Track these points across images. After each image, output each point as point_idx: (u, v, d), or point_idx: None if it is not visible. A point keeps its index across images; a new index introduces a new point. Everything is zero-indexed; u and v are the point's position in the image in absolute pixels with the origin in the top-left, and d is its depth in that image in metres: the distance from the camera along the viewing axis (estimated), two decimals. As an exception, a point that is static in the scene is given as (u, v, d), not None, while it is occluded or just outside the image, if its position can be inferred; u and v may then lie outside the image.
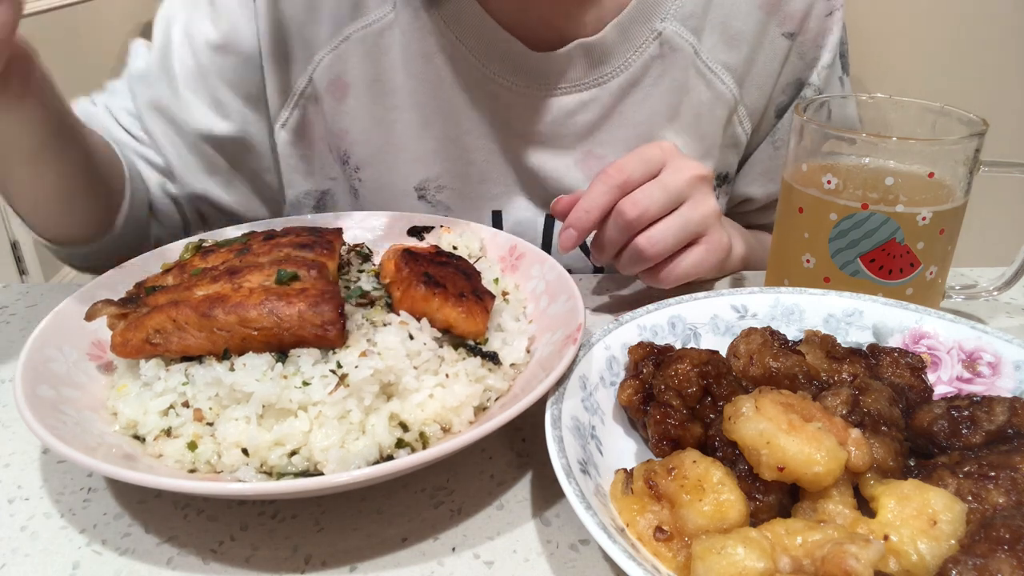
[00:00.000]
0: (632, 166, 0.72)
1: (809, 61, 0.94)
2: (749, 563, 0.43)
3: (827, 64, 0.94)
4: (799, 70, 0.94)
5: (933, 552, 0.44)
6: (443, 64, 0.89)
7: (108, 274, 0.73)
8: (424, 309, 0.63)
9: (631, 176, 0.72)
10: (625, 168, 0.72)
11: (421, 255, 0.68)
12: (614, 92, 0.90)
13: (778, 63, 0.92)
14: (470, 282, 0.66)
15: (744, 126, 0.95)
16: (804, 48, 0.93)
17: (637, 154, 0.74)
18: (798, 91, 0.96)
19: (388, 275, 0.68)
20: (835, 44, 0.94)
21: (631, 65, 0.89)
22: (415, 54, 0.89)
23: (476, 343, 0.64)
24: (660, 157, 0.74)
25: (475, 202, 0.95)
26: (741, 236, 0.91)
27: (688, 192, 0.74)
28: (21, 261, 3.06)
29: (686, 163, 0.74)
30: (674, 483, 0.49)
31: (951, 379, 0.64)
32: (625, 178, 0.72)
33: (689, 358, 0.57)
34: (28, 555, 0.53)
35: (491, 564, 0.52)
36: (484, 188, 0.95)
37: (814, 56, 0.93)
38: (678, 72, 0.90)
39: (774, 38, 0.91)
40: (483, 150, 0.93)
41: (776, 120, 0.97)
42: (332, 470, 0.53)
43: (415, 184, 0.95)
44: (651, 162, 0.73)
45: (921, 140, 0.70)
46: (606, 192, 0.72)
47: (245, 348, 0.59)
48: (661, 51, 0.89)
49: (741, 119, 0.95)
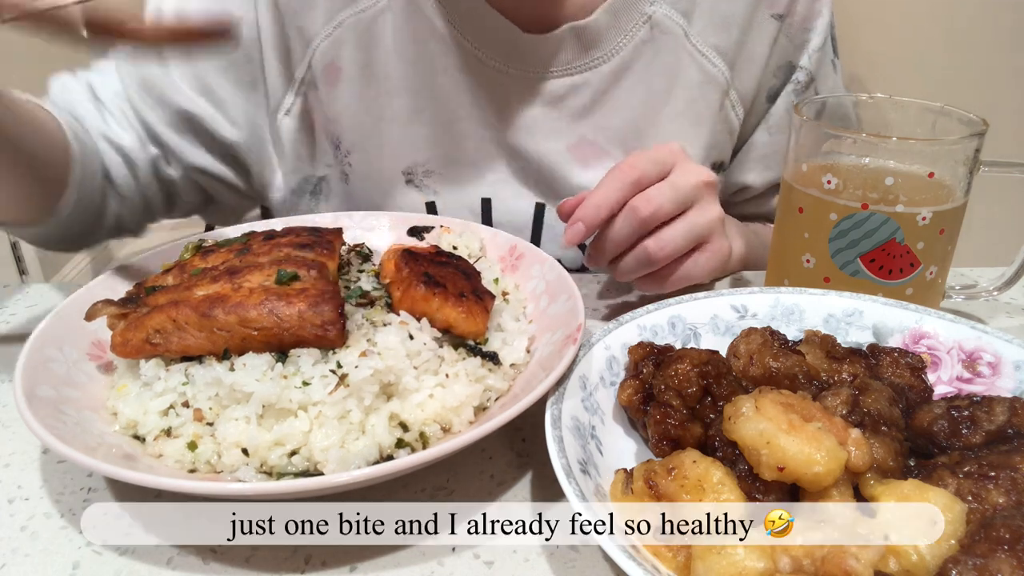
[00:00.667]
0: (644, 164, 0.72)
1: (799, 44, 0.94)
2: (749, 563, 0.43)
3: (817, 47, 0.94)
4: (789, 53, 0.95)
5: (933, 552, 0.44)
6: (436, 48, 0.90)
7: (108, 274, 0.73)
8: (424, 309, 0.63)
9: (644, 174, 0.72)
10: (637, 165, 0.72)
11: (421, 255, 0.68)
12: (606, 76, 0.91)
13: (767, 45, 0.93)
14: (470, 282, 0.66)
15: (736, 111, 0.96)
16: (793, 31, 0.93)
17: (647, 154, 0.74)
18: (789, 75, 0.96)
19: (388, 275, 0.68)
20: (825, 27, 0.94)
21: (622, 49, 0.90)
22: (408, 39, 0.90)
23: (476, 343, 0.64)
24: (670, 159, 0.74)
25: (464, 187, 0.95)
26: (741, 234, 0.91)
27: (696, 196, 0.74)
28: (21, 261, 3.06)
29: (694, 167, 0.75)
30: (674, 483, 0.49)
31: (951, 379, 0.64)
32: (638, 175, 0.71)
33: (689, 358, 0.57)
34: (28, 555, 0.53)
35: (491, 564, 0.52)
36: (474, 174, 0.95)
37: (803, 39, 0.94)
38: (669, 55, 0.91)
39: (763, 20, 0.92)
40: (474, 136, 0.93)
41: (768, 105, 0.98)
42: (332, 470, 0.53)
43: (403, 168, 0.94)
44: (662, 163, 0.73)
45: (921, 140, 0.70)
46: (619, 188, 0.71)
47: (245, 348, 0.59)
48: (652, 35, 0.90)
49: (733, 104, 0.95)
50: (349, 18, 0.90)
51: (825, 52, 0.96)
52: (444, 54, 0.90)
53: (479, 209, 0.96)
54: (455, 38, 0.89)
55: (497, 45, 0.89)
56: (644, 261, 0.73)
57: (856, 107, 0.81)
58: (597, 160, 0.93)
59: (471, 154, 0.94)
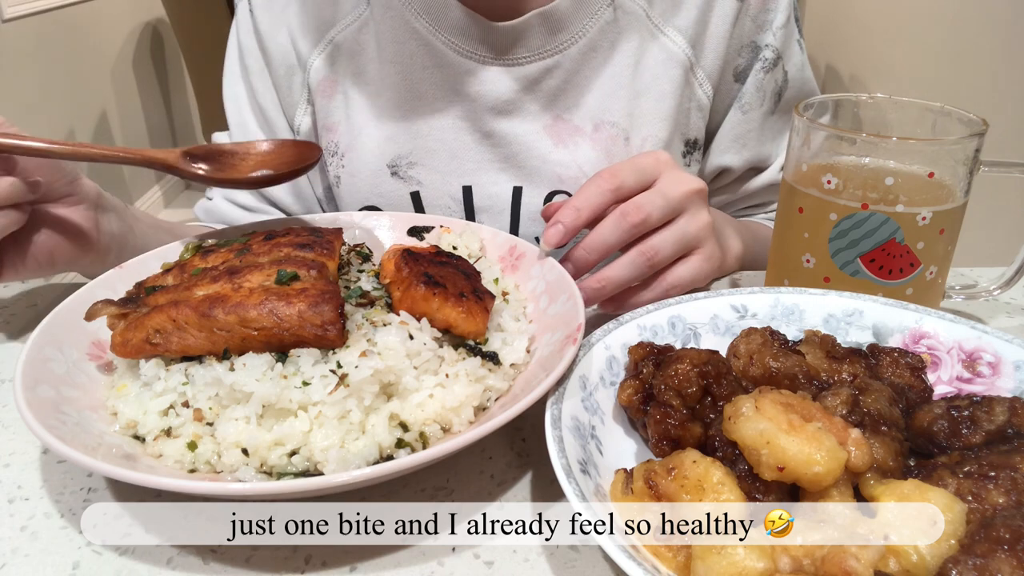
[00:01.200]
0: (625, 173, 0.74)
1: (760, 23, 0.97)
2: (749, 563, 0.43)
3: (781, 24, 0.97)
4: (752, 32, 0.97)
5: (933, 552, 0.44)
6: (414, 47, 0.95)
7: (108, 274, 0.73)
8: (424, 309, 0.63)
9: (624, 182, 0.73)
10: (618, 174, 0.74)
11: (421, 255, 0.68)
12: (575, 58, 0.95)
13: (728, 24, 0.96)
14: (470, 282, 0.66)
15: (705, 88, 0.99)
16: (754, 11, 0.96)
17: (632, 162, 0.75)
18: (756, 54, 0.99)
19: (388, 275, 0.68)
20: (787, 5, 0.97)
21: (588, 31, 0.94)
22: (388, 41, 0.95)
23: (476, 343, 0.64)
24: (654, 168, 0.75)
25: (446, 177, 0.99)
26: (738, 233, 0.92)
27: (686, 204, 0.75)
28: (21, 261, 3.05)
29: (683, 176, 0.76)
30: (674, 483, 0.49)
31: (951, 379, 0.64)
32: (619, 183, 0.73)
33: (689, 358, 0.57)
34: (28, 555, 0.53)
35: (491, 564, 0.52)
36: (455, 163, 0.98)
37: (765, 19, 0.97)
38: (632, 35, 0.95)
39: (723, 0, 0.95)
40: (452, 126, 0.97)
41: (738, 85, 1.00)
42: (332, 470, 0.53)
43: (387, 162, 0.99)
44: (645, 172, 0.75)
45: (921, 140, 0.70)
46: (599, 194, 0.73)
47: (245, 348, 0.59)
48: (615, 16, 0.94)
49: (701, 81, 0.98)
50: (338, 35, 0.98)
51: (790, 30, 0.99)
52: (421, 51, 0.95)
53: (460, 197, 0.99)
54: (430, 34, 0.94)
55: (468, 36, 0.94)
56: (635, 265, 0.73)
57: (856, 107, 0.81)
58: (570, 137, 0.97)
59: (450, 144, 0.98)
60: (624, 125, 0.96)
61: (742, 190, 1.07)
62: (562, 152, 0.96)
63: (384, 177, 0.99)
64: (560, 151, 0.96)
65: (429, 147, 0.98)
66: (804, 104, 0.75)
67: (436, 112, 0.97)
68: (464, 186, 0.99)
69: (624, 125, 0.96)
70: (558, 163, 0.96)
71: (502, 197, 0.99)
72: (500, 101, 0.96)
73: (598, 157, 0.96)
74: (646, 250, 0.73)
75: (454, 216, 0.99)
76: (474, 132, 0.97)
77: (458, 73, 0.95)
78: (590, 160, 0.96)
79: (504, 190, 0.99)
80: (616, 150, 0.96)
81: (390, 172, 0.99)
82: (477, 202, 0.99)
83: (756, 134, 1.01)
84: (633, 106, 0.96)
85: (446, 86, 0.96)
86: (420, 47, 0.95)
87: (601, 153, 0.96)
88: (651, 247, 0.73)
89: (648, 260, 0.73)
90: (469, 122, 0.97)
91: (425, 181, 0.99)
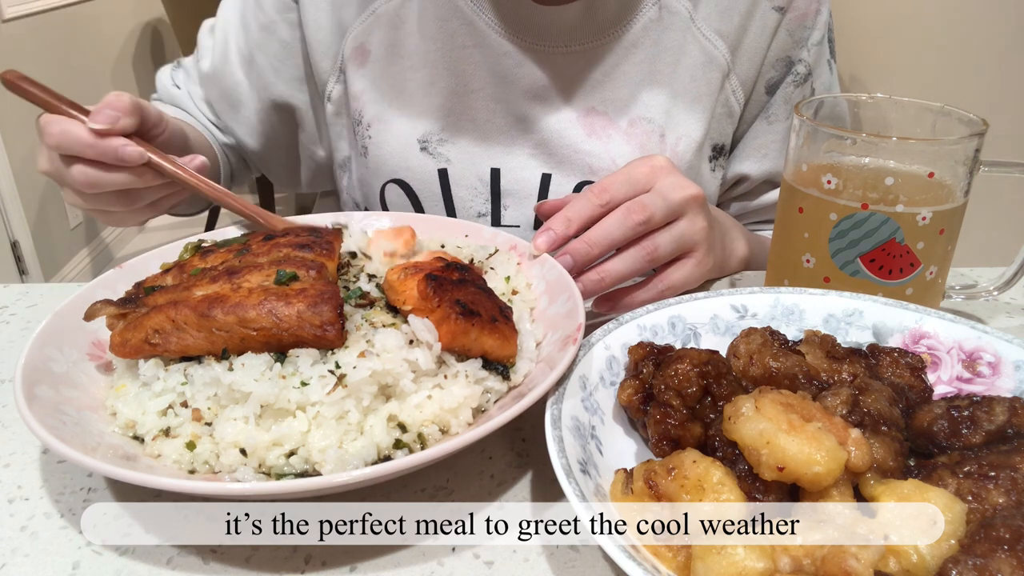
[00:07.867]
0: (616, 187, 0.75)
1: (798, 39, 0.98)
2: (749, 563, 0.43)
3: (816, 41, 0.98)
4: (788, 47, 0.98)
5: (933, 552, 0.44)
6: (456, 26, 0.96)
7: (108, 274, 0.73)
8: (463, 342, 0.60)
9: (614, 196, 0.75)
10: (609, 188, 0.75)
11: (443, 279, 0.63)
12: (615, 51, 0.95)
13: (768, 36, 0.97)
14: (491, 300, 0.64)
15: (737, 96, 1.00)
16: (793, 25, 0.97)
17: (625, 173, 0.77)
18: (788, 68, 0.99)
19: (410, 301, 0.62)
20: (824, 23, 0.98)
21: (632, 26, 0.95)
22: (431, 18, 0.96)
23: (505, 366, 0.62)
24: (647, 178, 0.76)
25: (474, 157, 0.99)
26: (744, 236, 0.92)
27: (685, 208, 0.76)
28: (21, 261, 3.06)
29: (682, 181, 0.77)
30: (674, 483, 0.49)
31: (951, 379, 0.64)
32: (609, 198, 0.75)
33: (689, 358, 0.57)
34: (28, 555, 0.53)
35: (491, 564, 0.52)
36: (485, 144, 0.99)
37: (802, 35, 0.98)
38: (675, 35, 0.96)
39: (765, 11, 0.96)
40: (486, 108, 0.98)
41: (767, 97, 1.01)
42: (330, 470, 0.53)
43: (418, 136, 0.99)
44: (637, 183, 0.76)
45: (921, 140, 0.70)
46: (589, 207, 0.74)
47: (244, 348, 0.59)
48: (660, 15, 0.95)
49: (734, 88, 0.99)
50: (381, 6, 0.98)
51: (823, 48, 1.00)
52: (463, 30, 0.96)
53: (488, 178, 1.00)
54: (473, 13, 0.95)
55: (511, 18, 0.95)
56: (636, 260, 0.74)
57: (856, 107, 0.81)
58: (603, 130, 0.97)
59: (482, 125, 0.99)
60: (660, 122, 0.96)
61: (755, 203, 1.07)
62: (594, 143, 0.97)
63: (414, 151, 0.99)
64: (592, 142, 0.97)
65: (461, 126, 0.98)
66: (804, 104, 0.75)
67: (471, 92, 0.97)
68: (493, 168, 0.99)
69: (660, 122, 0.96)
70: (590, 154, 0.97)
71: (530, 182, 0.99)
72: (536, 86, 0.96)
73: (632, 152, 0.96)
74: (647, 245, 0.74)
75: (479, 197, 1.00)
76: (507, 115, 0.98)
77: (497, 55, 0.96)
78: (624, 154, 0.96)
79: (533, 175, 0.99)
80: (651, 146, 0.97)
81: (420, 147, 0.99)
82: (504, 185, 1.00)
83: (778, 146, 1.02)
84: (670, 104, 0.97)
85: (484, 67, 0.96)
86: (462, 26, 0.95)
87: (636, 148, 0.96)
88: (652, 243, 0.75)
89: (648, 255, 0.74)
90: (503, 104, 0.97)
91: (454, 159, 0.99)
